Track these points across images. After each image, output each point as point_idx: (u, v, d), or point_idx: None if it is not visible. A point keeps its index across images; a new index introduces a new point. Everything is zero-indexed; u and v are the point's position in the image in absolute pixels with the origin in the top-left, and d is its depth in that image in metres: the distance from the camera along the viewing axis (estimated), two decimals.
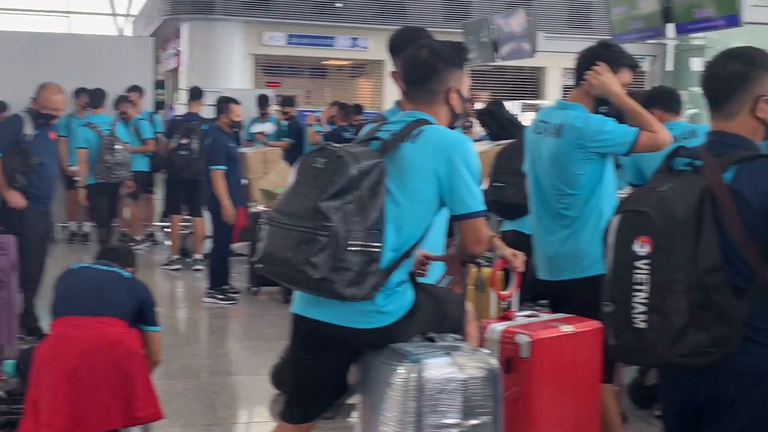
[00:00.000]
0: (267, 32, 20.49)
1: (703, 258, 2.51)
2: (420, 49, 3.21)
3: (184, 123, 10.52)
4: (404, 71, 3.25)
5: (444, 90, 3.19)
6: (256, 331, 7.67)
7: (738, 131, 2.72)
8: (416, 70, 3.20)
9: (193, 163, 9.78)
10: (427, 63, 3.17)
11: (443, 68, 3.18)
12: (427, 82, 3.19)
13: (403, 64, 3.26)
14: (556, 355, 3.62)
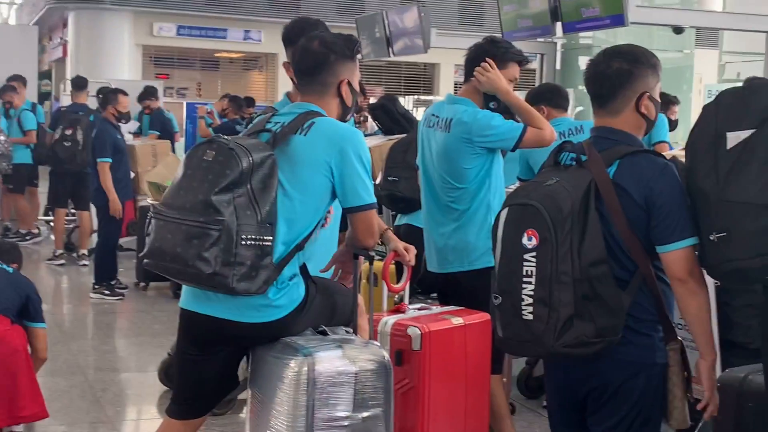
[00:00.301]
0: (157, 23, 20.12)
1: (589, 250, 2.58)
2: (312, 40, 3.19)
3: (69, 114, 10.25)
4: (296, 62, 3.22)
5: (336, 82, 3.17)
6: (143, 327, 7.52)
7: (622, 127, 2.79)
8: (308, 61, 3.17)
9: (79, 155, 9.52)
10: (319, 54, 3.15)
11: (335, 60, 3.16)
12: (319, 74, 3.16)
13: (295, 55, 3.22)
14: (447, 347, 3.66)
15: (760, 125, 2.45)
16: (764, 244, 2.43)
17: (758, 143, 2.44)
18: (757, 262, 2.45)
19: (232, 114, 11.49)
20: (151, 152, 10.32)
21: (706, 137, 2.55)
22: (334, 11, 18.89)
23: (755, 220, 2.43)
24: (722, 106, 2.56)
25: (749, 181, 2.44)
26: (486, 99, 4.14)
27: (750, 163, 2.45)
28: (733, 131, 2.49)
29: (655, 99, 2.80)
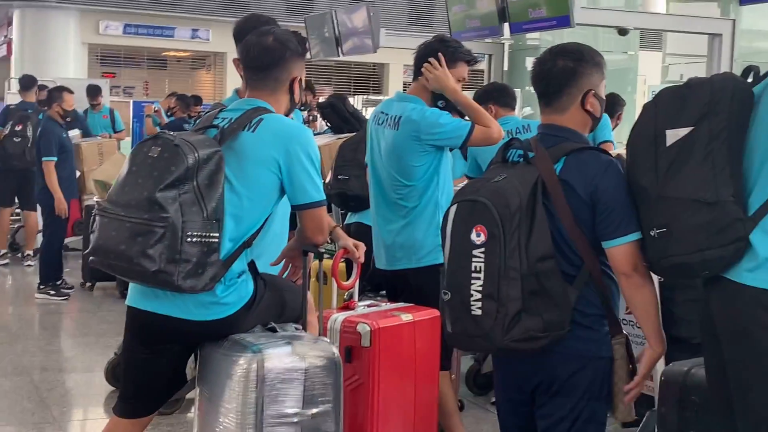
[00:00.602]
0: (103, 21, 19.88)
1: (536, 246, 2.61)
2: (265, 36, 3.17)
3: (17, 111, 10.08)
4: (249, 58, 3.19)
5: (288, 78, 3.17)
6: (90, 327, 7.44)
7: (568, 124, 2.83)
8: (263, 57, 3.15)
9: (28, 152, 9.37)
10: (275, 50, 3.14)
11: (289, 57, 3.16)
12: (273, 70, 3.15)
13: (247, 51, 3.20)
14: (396, 344, 3.68)
15: (698, 122, 2.48)
16: (703, 239, 2.46)
17: (696, 140, 2.48)
18: (696, 257, 2.49)
19: (179, 113, 11.39)
20: (97, 151, 10.21)
21: (645, 135, 2.59)
22: (284, 10, 18.83)
23: (694, 216, 2.47)
24: (661, 104, 2.59)
25: (688, 178, 2.48)
26: (434, 97, 4.17)
27: (688, 160, 2.49)
28: (672, 129, 2.53)
29: (600, 96, 2.84)
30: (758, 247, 2.45)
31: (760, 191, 2.49)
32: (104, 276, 8.25)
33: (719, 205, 2.44)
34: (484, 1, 7.84)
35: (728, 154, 2.47)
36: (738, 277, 2.49)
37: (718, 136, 2.46)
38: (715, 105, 2.48)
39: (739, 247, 2.45)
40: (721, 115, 2.48)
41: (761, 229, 2.46)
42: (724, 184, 2.45)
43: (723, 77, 2.59)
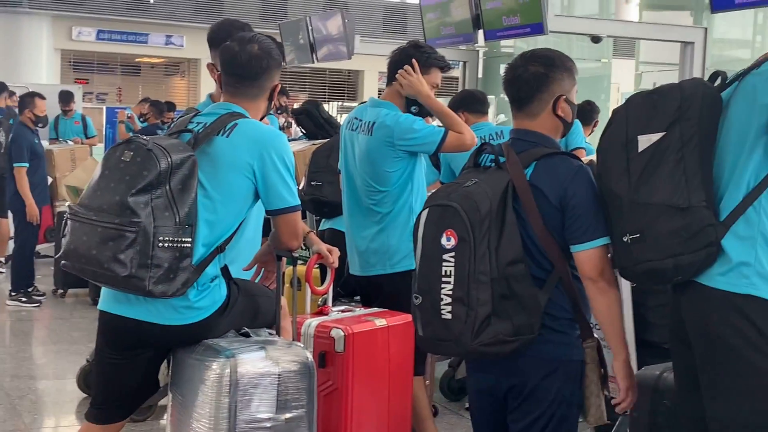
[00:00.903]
0: (76, 27, 19.78)
1: (506, 250, 2.62)
2: (249, 44, 3.14)
3: None
4: (234, 65, 3.15)
5: (271, 86, 3.19)
6: (61, 334, 7.38)
7: (539, 129, 2.84)
8: (252, 67, 3.12)
9: (1, 158, 9.29)
10: (262, 60, 3.13)
11: (273, 65, 3.17)
12: (258, 79, 3.15)
13: (232, 58, 3.15)
14: (370, 349, 3.68)
15: (669, 127, 2.50)
16: (676, 244, 2.48)
17: (668, 145, 2.50)
18: (669, 263, 2.50)
19: (153, 119, 11.34)
20: (70, 157, 10.15)
21: (617, 140, 2.60)
22: (258, 17, 18.82)
23: (668, 222, 2.48)
24: (632, 110, 2.61)
25: (661, 183, 2.49)
26: (408, 103, 4.18)
27: (661, 165, 2.50)
28: (644, 134, 2.54)
29: (571, 102, 2.86)
30: (730, 252, 2.48)
31: (731, 196, 2.51)
32: (76, 283, 8.21)
33: (691, 210, 2.46)
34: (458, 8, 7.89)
35: (699, 159, 2.49)
36: (709, 281, 2.51)
37: (690, 142, 2.49)
38: (685, 110, 2.50)
39: (710, 252, 2.48)
40: (691, 120, 2.50)
41: (733, 233, 2.48)
42: (696, 189, 2.47)
43: (692, 83, 2.61)
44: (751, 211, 2.48)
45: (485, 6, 7.42)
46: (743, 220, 2.49)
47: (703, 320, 2.55)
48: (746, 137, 2.51)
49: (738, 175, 2.52)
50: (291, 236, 3.14)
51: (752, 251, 2.47)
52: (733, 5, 5.03)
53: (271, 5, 19.94)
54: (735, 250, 2.48)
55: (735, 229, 2.48)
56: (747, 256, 2.47)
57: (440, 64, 4.23)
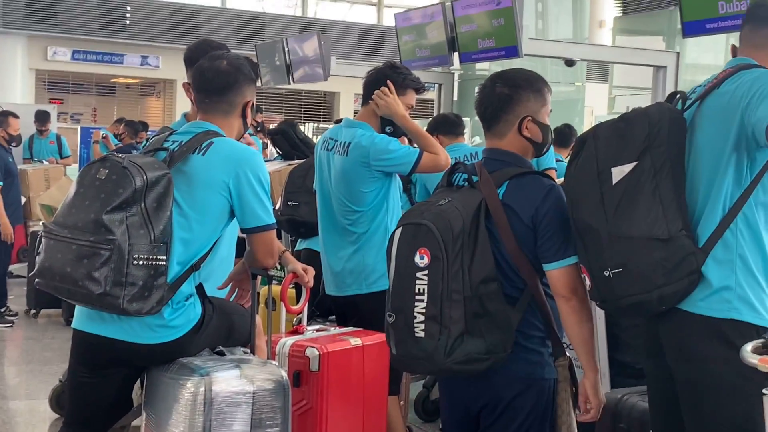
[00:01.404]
0: (51, 47, 19.71)
1: (479, 268, 2.64)
2: (218, 60, 3.17)
3: None
4: (203, 81, 3.18)
5: (242, 102, 3.19)
6: (34, 354, 7.32)
7: (509, 149, 2.87)
8: (218, 81, 3.15)
9: None
10: (229, 74, 3.15)
11: (243, 81, 3.17)
12: (227, 94, 3.16)
13: (201, 74, 3.19)
14: (345, 368, 3.68)
15: (641, 157, 2.50)
16: (660, 276, 2.48)
17: (641, 175, 2.50)
18: (654, 295, 2.51)
19: (128, 139, 11.30)
20: (44, 176, 10.10)
21: (588, 173, 2.59)
22: (234, 38, 18.84)
23: (650, 254, 2.48)
24: (601, 141, 2.60)
25: (640, 215, 2.49)
26: (383, 123, 4.21)
27: (638, 196, 2.50)
28: (616, 166, 2.53)
29: (540, 122, 2.86)
30: (710, 277, 2.50)
31: (708, 220, 2.54)
32: (49, 303, 8.15)
33: (672, 241, 2.48)
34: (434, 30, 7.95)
35: (673, 185, 2.51)
36: (690, 306, 2.53)
37: (662, 169, 2.50)
38: (654, 138, 2.51)
39: (692, 280, 2.50)
40: (661, 147, 2.51)
41: (712, 258, 2.51)
42: (674, 217, 2.49)
43: (658, 109, 2.61)
44: (728, 234, 2.51)
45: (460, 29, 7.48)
46: (721, 244, 2.51)
47: (685, 346, 2.56)
48: (717, 160, 2.54)
49: (713, 199, 2.54)
50: (266, 255, 3.14)
51: (732, 275, 2.50)
52: (704, 30, 5.11)
53: (247, 26, 19.98)
54: (715, 275, 2.50)
55: (714, 253, 2.51)
56: (727, 280, 2.50)
57: (415, 85, 4.26)
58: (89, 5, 19.15)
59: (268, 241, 3.13)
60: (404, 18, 8.58)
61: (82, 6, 19.10)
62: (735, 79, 2.58)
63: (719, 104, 2.58)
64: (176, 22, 19.66)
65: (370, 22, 22.87)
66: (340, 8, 24.50)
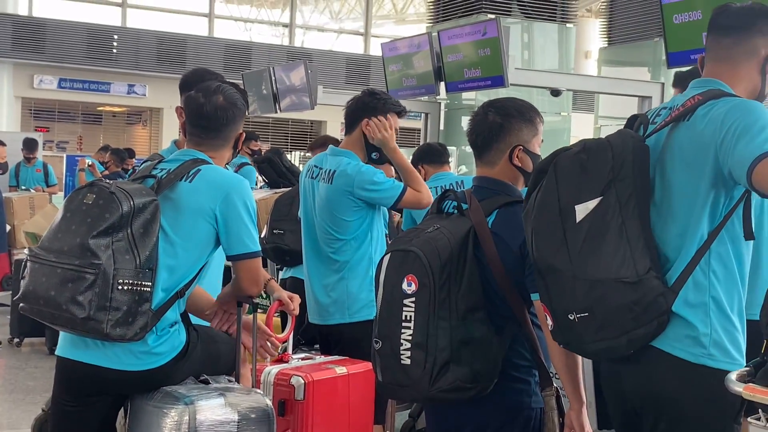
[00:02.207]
0: (38, 75, 19.72)
1: (466, 296, 2.62)
2: (214, 95, 3.15)
3: None
4: (198, 116, 3.17)
5: (236, 135, 3.22)
6: (17, 383, 7.25)
7: (500, 177, 2.87)
8: (217, 119, 3.14)
9: None
10: (228, 111, 3.15)
11: (238, 115, 3.19)
12: (223, 130, 3.17)
13: (197, 109, 3.17)
14: (331, 397, 3.66)
15: (605, 191, 2.38)
16: (629, 320, 2.36)
17: (605, 211, 2.37)
18: (622, 340, 2.39)
19: (114, 167, 11.30)
20: (29, 204, 10.06)
21: (549, 209, 2.45)
22: (221, 66, 18.89)
23: (618, 297, 2.35)
24: (562, 175, 2.45)
25: (606, 256, 2.35)
26: (369, 149, 4.21)
27: (604, 235, 2.36)
28: (580, 202, 2.39)
29: (531, 152, 2.87)
30: (683, 319, 2.40)
31: (681, 260, 2.43)
32: (33, 331, 8.08)
33: (641, 283, 2.35)
34: (420, 60, 7.99)
35: (639, 221, 2.39)
36: (663, 344, 2.42)
37: (628, 204, 2.37)
38: (618, 170, 2.38)
39: (662, 321, 2.39)
40: (626, 180, 2.38)
41: (683, 301, 2.41)
42: (641, 256, 2.36)
43: (621, 138, 2.46)
44: (700, 273, 2.41)
45: (447, 58, 7.52)
46: (692, 285, 2.41)
47: (655, 382, 2.46)
48: (692, 198, 2.43)
49: (688, 238, 2.43)
50: (251, 282, 3.13)
51: (706, 319, 2.41)
52: (689, 60, 5.15)
53: (234, 55, 20.04)
54: (688, 317, 2.40)
55: (685, 295, 2.40)
56: (701, 324, 2.40)
57: (396, 108, 4.27)
58: (76, 34, 19.20)
59: (253, 269, 3.11)
60: (391, 48, 8.63)
61: (69, 34, 19.15)
62: (705, 111, 2.43)
63: (690, 138, 2.45)
64: (163, 51, 19.70)
65: (357, 51, 22.99)
66: (327, 38, 24.65)
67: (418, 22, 24.39)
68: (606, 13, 11.91)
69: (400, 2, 26.52)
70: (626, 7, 11.40)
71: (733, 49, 2.55)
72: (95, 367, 2.96)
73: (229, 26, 23.30)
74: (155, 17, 21.48)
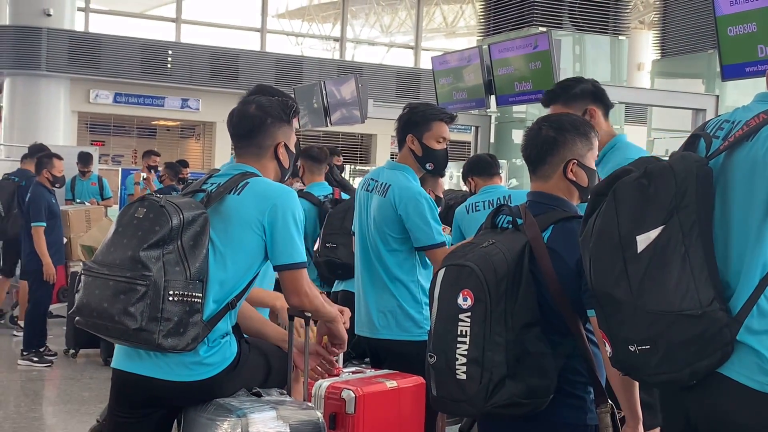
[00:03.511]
0: (93, 90, 20.07)
1: (522, 312, 2.61)
2: (248, 105, 3.23)
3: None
4: (231, 125, 3.24)
5: (272, 145, 3.22)
6: (72, 394, 7.36)
7: (555, 192, 2.86)
8: (245, 124, 3.21)
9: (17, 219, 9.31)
10: (256, 118, 3.19)
11: (271, 123, 3.20)
12: (255, 137, 3.20)
13: (230, 119, 3.24)
14: (381, 411, 3.66)
15: (668, 220, 2.28)
16: (693, 354, 2.28)
17: (668, 241, 2.27)
18: (686, 374, 2.30)
19: (168, 180, 11.43)
20: (85, 218, 10.21)
21: (608, 238, 2.35)
22: (273, 81, 19.07)
23: (681, 331, 2.26)
24: (622, 202, 2.35)
25: (670, 288, 2.26)
26: (421, 162, 4.22)
27: (666, 266, 2.27)
28: (642, 232, 2.29)
29: (585, 166, 2.85)
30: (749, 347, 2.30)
31: (744, 287, 2.33)
32: (88, 343, 8.21)
33: (705, 315, 2.25)
34: (471, 73, 8.00)
35: (703, 250, 2.29)
36: (729, 371, 2.33)
37: (691, 232, 2.28)
38: (682, 197, 2.29)
39: (726, 352, 2.29)
40: (690, 207, 2.28)
41: (747, 329, 2.31)
42: (705, 287, 2.27)
43: (684, 163, 2.34)
44: (763, 300, 2.31)
45: (497, 72, 7.52)
46: (757, 312, 2.31)
47: (721, 410, 2.36)
48: (751, 221, 2.33)
49: (748, 263, 2.33)
50: (294, 293, 3.11)
51: None
52: (743, 73, 5.09)
53: (286, 69, 20.22)
54: (754, 345, 2.30)
55: (749, 323, 2.30)
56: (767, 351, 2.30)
57: (441, 116, 4.24)
58: (131, 49, 19.53)
59: (297, 280, 3.11)
60: (441, 61, 8.64)
61: (125, 50, 19.48)
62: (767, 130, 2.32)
63: (752, 161, 2.34)
64: (216, 66, 19.94)
65: (407, 65, 23.05)
66: (377, 51, 24.75)
67: (469, 35, 24.40)
68: (659, 25, 11.82)
69: (451, 15, 26.55)
70: (680, 19, 11.30)
71: None
72: (148, 378, 2.99)
73: (280, 41, 23.53)
74: (208, 32, 21.77)
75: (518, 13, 10.30)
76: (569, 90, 3.64)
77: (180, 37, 21.25)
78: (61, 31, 19.00)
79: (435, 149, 4.22)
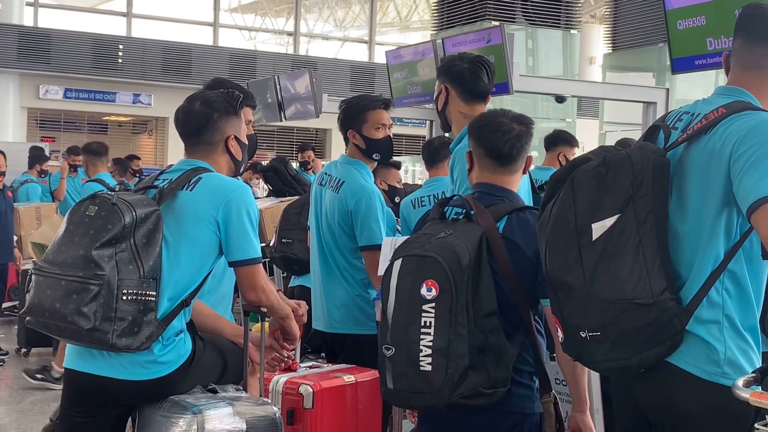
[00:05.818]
0: (43, 85, 19.79)
1: (482, 302, 2.62)
2: (193, 101, 3.18)
3: None
4: (178, 123, 3.20)
5: (222, 139, 3.18)
6: (24, 394, 7.25)
7: (505, 185, 2.88)
8: (191, 122, 3.17)
9: None
10: (201, 114, 3.15)
11: (218, 118, 3.17)
12: (203, 134, 3.16)
13: (176, 116, 3.20)
14: (339, 405, 3.66)
15: (624, 208, 2.30)
16: (642, 341, 2.31)
17: (623, 230, 2.29)
18: (634, 360, 2.34)
19: (118, 177, 11.30)
20: (35, 215, 10.08)
21: (565, 225, 2.37)
22: (226, 75, 18.92)
23: (632, 319, 2.28)
24: (579, 190, 2.37)
25: (623, 276, 2.29)
26: (366, 154, 4.24)
27: (620, 254, 2.29)
28: (597, 220, 2.31)
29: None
30: (697, 337, 2.35)
31: (695, 279, 2.37)
32: (40, 341, 8.10)
33: (656, 304, 2.28)
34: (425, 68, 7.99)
35: (656, 239, 2.31)
36: (678, 361, 2.37)
37: (645, 222, 2.30)
38: (638, 187, 2.31)
39: (675, 342, 2.33)
40: (646, 197, 2.31)
41: (697, 319, 2.35)
42: (657, 276, 2.29)
43: (641, 153, 2.36)
44: (713, 292, 2.35)
45: None
46: (707, 303, 2.35)
47: (670, 398, 2.41)
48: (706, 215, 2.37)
49: (701, 256, 2.37)
50: (250, 288, 3.10)
51: (720, 336, 2.35)
52: (693, 66, 5.14)
53: (239, 64, 20.09)
54: (702, 335, 2.35)
55: (699, 313, 2.35)
56: (715, 342, 2.35)
57: (372, 104, 4.28)
58: (82, 44, 19.27)
59: (251, 275, 3.09)
60: (395, 55, 8.63)
61: (75, 45, 19.22)
62: (725, 126, 2.35)
63: (708, 154, 2.36)
64: (168, 61, 19.75)
65: (361, 59, 23.03)
66: (331, 46, 24.69)
67: (423, 30, 24.43)
68: (610, 19, 11.93)
69: (405, 10, 26.57)
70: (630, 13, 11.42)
71: (765, 60, 2.45)
72: (102, 377, 2.96)
73: (233, 35, 23.37)
74: (160, 27, 21.55)
75: (471, 7, 10.35)
76: None
77: (131, 32, 21.02)
78: (9, 26, 18.71)
79: (377, 138, 4.24)
